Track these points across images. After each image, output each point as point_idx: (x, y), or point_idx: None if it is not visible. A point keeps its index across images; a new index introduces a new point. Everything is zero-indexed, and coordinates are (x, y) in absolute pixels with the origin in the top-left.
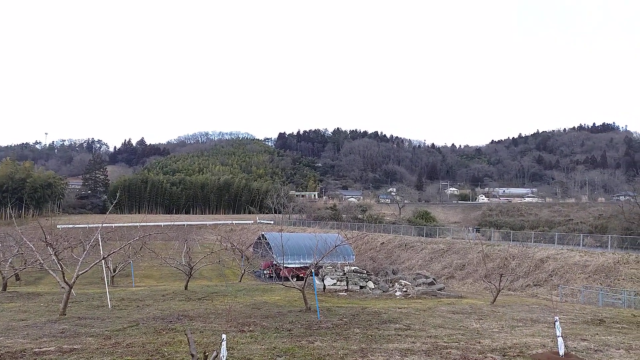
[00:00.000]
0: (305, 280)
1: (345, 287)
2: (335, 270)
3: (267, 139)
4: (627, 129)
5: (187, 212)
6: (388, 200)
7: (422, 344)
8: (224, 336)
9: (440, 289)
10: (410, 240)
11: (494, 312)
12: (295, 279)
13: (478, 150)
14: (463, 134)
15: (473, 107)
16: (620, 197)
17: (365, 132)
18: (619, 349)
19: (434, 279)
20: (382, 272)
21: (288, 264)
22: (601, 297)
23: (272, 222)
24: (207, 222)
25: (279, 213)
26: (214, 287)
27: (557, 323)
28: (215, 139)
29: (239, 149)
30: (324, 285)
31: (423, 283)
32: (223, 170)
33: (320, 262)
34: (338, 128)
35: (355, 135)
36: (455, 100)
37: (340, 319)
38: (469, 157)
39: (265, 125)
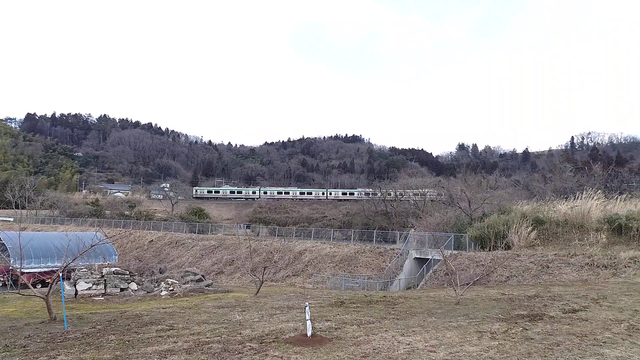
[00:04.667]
0: (51, 286)
1: (103, 291)
2: (92, 273)
3: (9, 119)
4: (370, 141)
5: None
6: (160, 196)
7: (184, 342)
8: None
9: (208, 285)
10: (182, 237)
11: (257, 303)
12: (40, 286)
13: (252, 150)
14: (239, 133)
15: (250, 110)
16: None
17: (137, 123)
18: (353, 325)
19: (202, 275)
20: (148, 271)
21: (30, 268)
22: (344, 282)
23: (11, 219)
24: None
25: (24, 208)
26: None
27: (307, 308)
28: None
29: None
30: (76, 290)
31: (191, 280)
32: None
33: (73, 264)
34: (105, 115)
35: (125, 124)
36: (234, 101)
37: (92, 327)
38: (244, 157)
39: (7, 101)
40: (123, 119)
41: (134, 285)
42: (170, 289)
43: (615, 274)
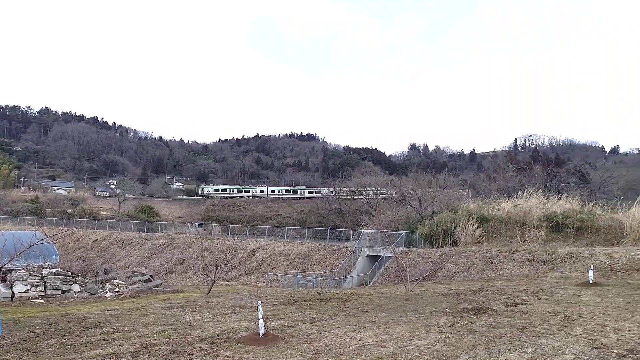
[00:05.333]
0: None
1: (43, 293)
2: (30, 274)
3: None
4: (325, 140)
5: None
6: (107, 194)
7: (131, 345)
8: None
9: (157, 286)
10: (129, 236)
11: (208, 303)
12: None
13: (205, 147)
14: (192, 130)
15: (203, 106)
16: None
17: (82, 116)
18: (306, 323)
19: (151, 275)
20: (93, 272)
21: None
22: (297, 280)
23: None
24: None
25: None
26: None
27: (260, 307)
28: None
29: None
30: (13, 292)
31: (139, 281)
32: None
33: (9, 265)
34: (46, 107)
35: (69, 117)
36: (186, 96)
37: (30, 331)
38: (196, 153)
39: None
40: (66, 112)
41: (76, 287)
42: (116, 290)
43: (553, 268)
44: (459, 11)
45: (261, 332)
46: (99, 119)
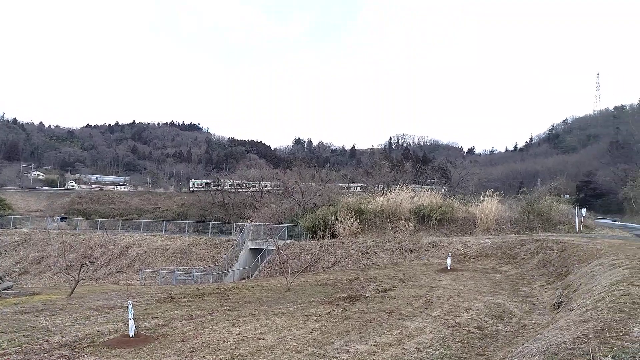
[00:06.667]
0: None
1: None
2: None
3: None
4: (209, 130)
5: None
6: None
7: None
8: None
9: (7, 288)
10: None
11: (70, 305)
12: None
13: (71, 132)
14: (54, 112)
15: (69, 85)
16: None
17: None
18: (182, 320)
19: (0, 277)
20: None
21: None
22: (175, 276)
23: None
24: None
25: None
26: None
27: (130, 306)
28: None
29: None
30: None
31: None
32: None
33: None
34: None
35: None
36: (47, 73)
37: None
38: (60, 140)
39: None
40: None
41: None
42: None
43: (418, 256)
44: (346, 13)
45: (131, 334)
46: None
